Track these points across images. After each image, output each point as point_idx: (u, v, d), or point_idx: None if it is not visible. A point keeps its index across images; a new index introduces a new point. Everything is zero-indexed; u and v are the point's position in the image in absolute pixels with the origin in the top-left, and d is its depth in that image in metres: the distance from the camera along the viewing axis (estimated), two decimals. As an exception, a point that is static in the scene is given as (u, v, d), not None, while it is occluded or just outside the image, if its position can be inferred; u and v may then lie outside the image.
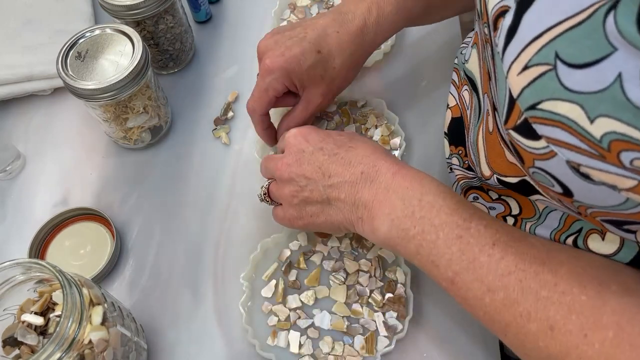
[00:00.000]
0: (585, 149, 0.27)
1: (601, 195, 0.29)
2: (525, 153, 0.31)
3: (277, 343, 0.48)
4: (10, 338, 0.42)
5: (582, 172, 0.28)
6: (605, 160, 0.27)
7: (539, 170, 0.31)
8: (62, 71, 0.52)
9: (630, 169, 0.26)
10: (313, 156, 0.44)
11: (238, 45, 0.68)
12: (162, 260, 0.54)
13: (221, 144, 0.61)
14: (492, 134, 0.39)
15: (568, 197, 0.31)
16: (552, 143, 0.29)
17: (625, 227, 0.32)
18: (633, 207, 0.28)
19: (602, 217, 0.32)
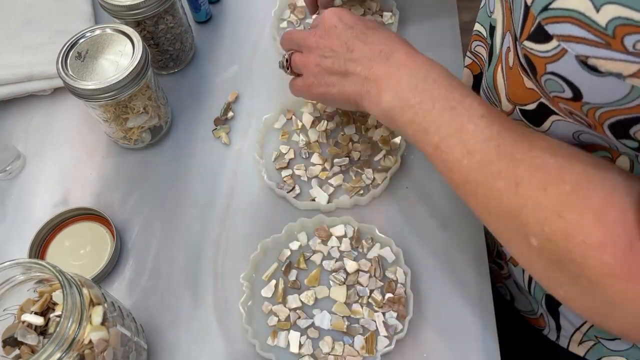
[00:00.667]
0: (592, 39, 0.29)
1: (608, 89, 0.31)
2: (537, 60, 0.33)
3: (277, 343, 0.48)
4: (10, 338, 0.42)
5: (589, 64, 0.30)
6: (610, 48, 0.29)
7: (550, 76, 0.33)
8: (62, 71, 0.52)
9: (633, 52, 0.28)
10: (343, 32, 0.48)
11: (238, 45, 0.68)
12: (162, 260, 0.54)
13: (221, 144, 0.61)
14: (513, 68, 0.41)
15: (577, 101, 0.33)
16: (563, 40, 0.31)
17: (631, 131, 0.33)
18: (637, 98, 0.30)
19: (609, 118, 0.33)
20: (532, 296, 0.56)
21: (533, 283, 0.55)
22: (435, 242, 0.53)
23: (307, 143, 0.58)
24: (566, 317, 0.53)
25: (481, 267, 0.51)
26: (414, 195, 0.55)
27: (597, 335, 0.52)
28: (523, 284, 0.57)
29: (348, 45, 0.47)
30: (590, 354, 0.54)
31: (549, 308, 0.55)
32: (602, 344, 0.52)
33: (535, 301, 0.56)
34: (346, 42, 0.48)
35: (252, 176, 0.58)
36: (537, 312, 0.57)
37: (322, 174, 0.56)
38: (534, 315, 0.58)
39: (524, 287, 0.57)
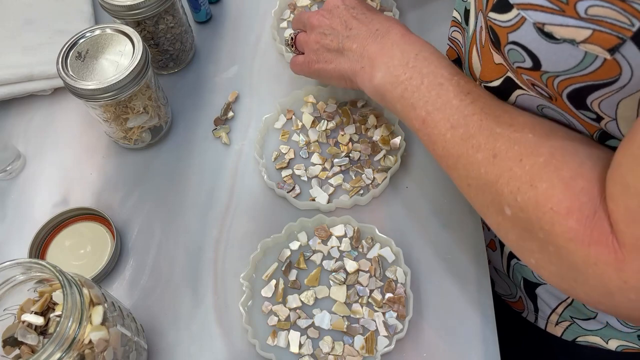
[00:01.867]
0: (548, 6, 0.31)
1: (563, 56, 0.32)
2: (500, 30, 0.36)
3: (277, 343, 0.48)
4: (10, 338, 0.42)
5: (546, 31, 0.32)
6: (564, 14, 0.31)
7: (512, 46, 0.35)
8: (62, 71, 0.52)
9: (585, 18, 0.30)
10: (343, 12, 0.51)
11: (238, 45, 0.68)
12: (162, 260, 0.54)
13: (221, 144, 0.61)
14: (485, 45, 0.42)
15: (537, 70, 0.35)
16: (521, 8, 0.33)
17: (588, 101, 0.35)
18: (590, 64, 0.32)
19: (567, 87, 0.35)
20: (511, 280, 0.59)
21: (512, 268, 0.57)
22: (435, 242, 0.53)
23: (307, 143, 0.58)
24: (543, 299, 0.56)
25: (481, 267, 0.51)
26: (414, 195, 0.56)
27: (572, 315, 0.54)
28: (502, 268, 0.59)
29: (347, 24, 0.50)
30: (566, 334, 0.57)
31: (527, 291, 0.57)
32: (577, 324, 0.54)
33: (514, 285, 0.59)
34: (345, 21, 0.50)
35: (252, 176, 0.58)
36: (516, 295, 0.60)
37: (322, 174, 0.56)
38: (514, 298, 0.61)
39: (503, 271, 0.59)
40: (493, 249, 0.58)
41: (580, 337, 0.56)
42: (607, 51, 0.30)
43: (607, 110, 0.34)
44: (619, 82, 0.32)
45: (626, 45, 0.29)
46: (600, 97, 0.34)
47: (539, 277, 0.54)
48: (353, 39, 0.49)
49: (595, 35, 0.30)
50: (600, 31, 0.30)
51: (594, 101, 0.34)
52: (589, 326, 0.54)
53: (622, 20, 0.29)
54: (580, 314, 0.53)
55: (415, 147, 0.58)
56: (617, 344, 0.54)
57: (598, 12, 0.29)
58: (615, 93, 0.33)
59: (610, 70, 0.31)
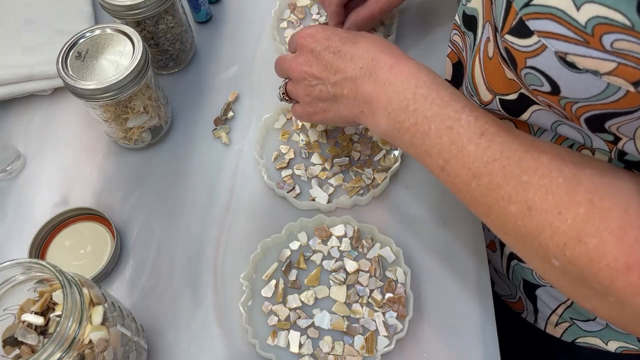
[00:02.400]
0: (572, 36, 0.30)
1: (585, 85, 0.32)
2: (518, 54, 0.34)
3: (277, 343, 0.48)
4: (10, 338, 0.42)
5: (568, 61, 0.31)
6: (588, 46, 0.30)
7: (530, 70, 0.34)
8: (62, 71, 0.52)
9: (610, 51, 0.29)
10: (320, 55, 0.47)
11: (238, 45, 0.68)
12: (162, 260, 0.54)
13: (221, 144, 0.61)
14: (492, 58, 0.41)
15: (555, 95, 0.34)
16: (543, 36, 0.32)
17: (606, 125, 0.34)
18: (613, 95, 0.31)
19: (585, 112, 0.34)
20: (511, 281, 0.59)
21: (511, 268, 0.57)
22: (435, 242, 0.53)
23: (307, 143, 0.58)
24: (542, 301, 0.56)
25: (481, 266, 0.51)
26: (414, 195, 0.56)
27: (571, 317, 0.54)
28: (502, 269, 0.59)
29: (329, 69, 0.46)
30: (566, 335, 0.57)
31: (527, 292, 0.57)
32: (577, 325, 0.54)
33: (514, 286, 0.59)
34: (326, 66, 0.46)
35: (252, 176, 0.58)
36: (516, 296, 0.60)
37: (322, 174, 0.56)
38: (513, 299, 0.61)
39: (503, 272, 0.59)
40: (493, 250, 0.58)
41: (579, 338, 0.56)
42: (632, 84, 0.30)
43: (626, 132, 0.34)
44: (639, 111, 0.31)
45: None
46: (620, 122, 0.33)
47: (538, 279, 0.54)
48: (342, 85, 0.45)
49: (620, 69, 0.29)
50: (626, 65, 0.29)
51: (612, 126, 0.34)
52: (589, 327, 0.54)
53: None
54: (579, 315, 0.53)
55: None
56: (616, 346, 0.54)
57: (624, 46, 0.29)
58: (635, 120, 0.32)
59: (632, 100, 0.31)
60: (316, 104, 0.49)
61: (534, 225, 0.35)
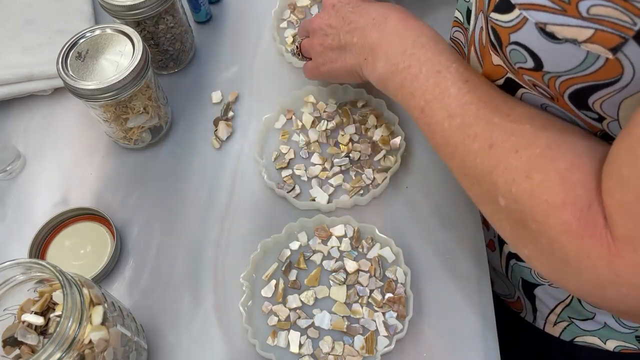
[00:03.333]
0: (550, 5, 0.31)
1: (565, 56, 0.32)
2: (502, 30, 0.35)
3: (277, 343, 0.48)
4: (10, 338, 0.42)
5: (548, 31, 0.32)
6: (566, 14, 0.30)
7: (514, 46, 0.35)
8: (62, 71, 0.52)
9: (587, 18, 0.30)
10: (341, 9, 0.51)
11: (238, 45, 0.68)
12: (162, 260, 0.54)
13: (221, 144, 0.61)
14: (485, 45, 0.42)
15: (538, 71, 0.35)
16: (523, 7, 0.33)
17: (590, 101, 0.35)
18: (592, 64, 0.32)
19: (568, 87, 0.35)
20: (510, 280, 0.59)
21: (510, 268, 0.57)
22: (435, 242, 0.53)
23: (307, 143, 0.58)
24: (541, 300, 0.56)
25: (481, 266, 0.51)
26: (414, 195, 0.56)
27: (570, 316, 0.54)
28: (501, 268, 0.59)
29: (345, 19, 0.50)
30: (564, 334, 0.57)
31: (525, 291, 0.57)
32: (576, 324, 0.55)
33: (512, 285, 0.59)
34: (343, 17, 0.50)
35: (252, 176, 0.58)
36: (515, 295, 0.60)
37: (322, 174, 0.56)
38: (512, 298, 0.61)
39: (502, 271, 0.59)
40: (492, 249, 0.58)
41: (578, 337, 0.56)
42: (609, 50, 0.30)
43: (609, 110, 0.34)
44: (620, 82, 0.32)
45: (628, 44, 0.29)
46: (602, 97, 0.34)
47: (537, 278, 0.54)
48: (353, 33, 0.49)
49: (597, 35, 0.30)
50: (603, 30, 0.30)
51: (595, 102, 0.34)
52: (587, 326, 0.54)
53: (624, 19, 0.29)
54: (578, 314, 0.53)
55: (415, 147, 0.58)
56: (615, 345, 0.54)
57: (600, 11, 0.29)
58: (617, 93, 0.33)
59: (612, 70, 0.31)
60: (326, 54, 0.52)
61: (491, 162, 0.37)
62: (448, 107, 0.40)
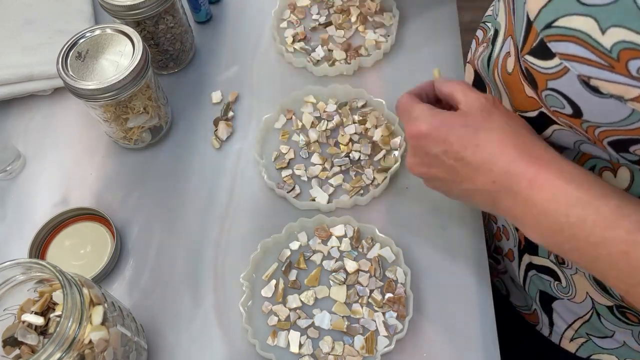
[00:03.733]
0: (596, 60, 0.29)
1: (608, 110, 0.31)
2: (539, 75, 0.33)
3: (277, 343, 0.48)
4: (10, 338, 0.42)
5: (591, 85, 0.30)
6: (613, 71, 0.29)
7: (551, 92, 0.33)
8: (62, 71, 0.52)
9: (636, 77, 0.28)
10: (440, 159, 0.41)
11: (238, 45, 0.68)
12: (162, 260, 0.54)
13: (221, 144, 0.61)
14: (512, 74, 0.39)
15: (577, 118, 0.33)
16: (565, 58, 0.31)
17: (631, 149, 0.33)
18: (637, 121, 0.30)
19: (608, 136, 0.33)
20: (527, 292, 0.57)
21: (528, 279, 0.55)
22: (435, 242, 0.53)
23: (307, 143, 0.58)
24: (559, 314, 0.54)
25: (481, 266, 0.51)
26: (414, 195, 0.55)
27: (588, 332, 0.52)
28: (519, 279, 0.57)
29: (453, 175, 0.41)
30: (581, 351, 0.55)
31: (543, 304, 0.55)
32: (593, 341, 0.53)
33: (530, 297, 0.57)
34: (448, 171, 0.41)
35: (252, 176, 0.58)
36: (532, 307, 0.58)
37: (322, 174, 0.56)
38: (528, 310, 0.59)
39: (519, 282, 0.57)
40: (511, 259, 0.57)
41: (595, 354, 0.54)
42: None
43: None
44: None
45: None
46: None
47: (556, 291, 0.52)
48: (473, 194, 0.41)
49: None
50: None
51: (637, 150, 0.33)
52: (605, 344, 0.52)
53: None
54: (596, 331, 0.52)
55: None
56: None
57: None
58: None
59: None
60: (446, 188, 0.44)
61: None
62: None
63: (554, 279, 0.51)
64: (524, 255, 0.54)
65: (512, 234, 0.55)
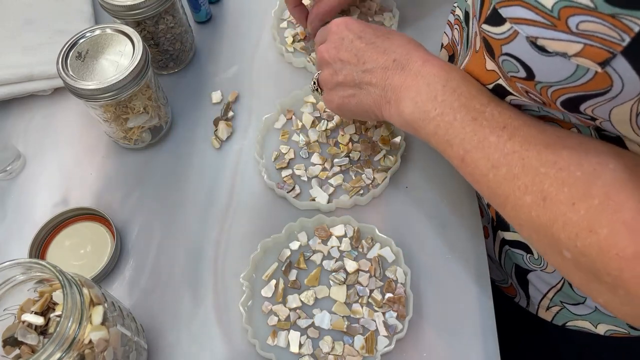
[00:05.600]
0: (540, 20, 0.31)
1: (556, 68, 0.33)
2: (494, 42, 0.36)
3: (277, 343, 0.48)
4: (10, 338, 0.42)
5: (539, 45, 0.32)
6: (556, 29, 0.31)
7: (506, 57, 0.36)
8: (62, 71, 0.52)
9: (576, 33, 0.30)
10: (352, 43, 0.48)
11: (238, 45, 0.68)
12: (162, 260, 0.54)
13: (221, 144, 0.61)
14: (479, 51, 0.42)
15: (531, 80, 0.35)
16: (514, 22, 0.33)
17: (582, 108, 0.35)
18: (582, 76, 0.32)
19: (560, 96, 0.35)
20: (503, 267, 0.60)
21: (503, 254, 0.58)
22: (435, 242, 0.53)
23: (307, 143, 0.58)
24: (534, 285, 0.57)
25: (481, 266, 0.51)
26: (414, 195, 0.56)
27: (562, 300, 0.55)
28: (495, 255, 0.60)
29: (359, 57, 0.47)
30: (556, 319, 0.58)
31: (518, 277, 0.58)
32: (567, 309, 0.55)
33: (505, 272, 0.60)
34: (356, 54, 0.47)
35: (252, 176, 0.58)
36: (508, 281, 0.61)
37: (322, 174, 0.56)
38: (506, 284, 0.62)
39: (496, 258, 0.60)
40: (486, 236, 0.59)
41: (570, 321, 0.56)
42: (598, 64, 0.31)
43: (601, 114, 0.35)
44: (610, 92, 0.32)
45: (616, 59, 0.30)
46: (593, 105, 0.34)
47: (529, 264, 0.55)
48: (371, 73, 0.46)
49: (587, 50, 0.30)
50: (591, 45, 0.30)
51: (587, 108, 0.35)
52: (579, 311, 0.55)
53: (612, 35, 0.29)
54: (569, 298, 0.54)
55: (416, 147, 0.58)
56: (605, 329, 0.54)
57: (589, 27, 0.30)
58: (607, 102, 0.33)
59: (601, 82, 0.32)
60: (340, 90, 0.49)
61: (548, 216, 0.36)
62: (490, 158, 0.39)
63: (527, 252, 0.54)
64: (497, 231, 0.57)
65: (485, 211, 0.57)
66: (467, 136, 0.40)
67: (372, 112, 0.47)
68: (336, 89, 0.49)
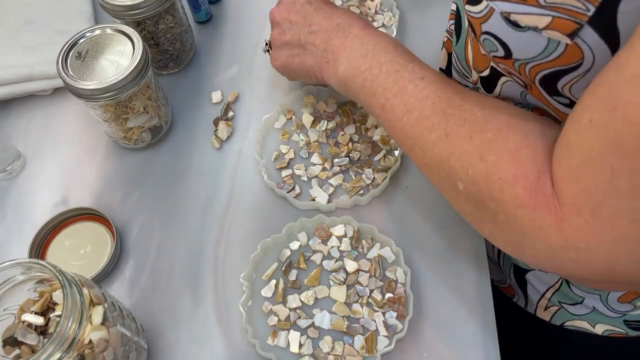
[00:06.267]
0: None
1: (530, 43, 0.34)
2: (475, 21, 0.38)
3: (277, 343, 0.48)
4: (10, 338, 0.42)
5: (512, 20, 0.34)
6: (526, 3, 0.33)
7: (486, 36, 0.37)
8: (62, 71, 0.52)
9: (544, 6, 0.32)
10: (302, 7, 0.52)
11: (238, 45, 0.68)
12: (162, 260, 0.54)
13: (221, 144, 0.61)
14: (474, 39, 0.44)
15: (509, 59, 0.37)
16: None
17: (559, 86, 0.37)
18: (554, 50, 0.34)
19: (537, 73, 0.37)
20: (501, 268, 0.60)
21: (502, 255, 0.59)
22: (435, 242, 0.53)
23: (307, 143, 0.58)
24: (532, 285, 0.57)
25: (481, 266, 0.51)
26: (414, 195, 0.56)
27: (560, 300, 0.55)
28: (493, 255, 0.60)
29: (306, 19, 0.51)
30: (555, 318, 0.58)
31: (517, 277, 0.59)
32: (565, 308, 0.56)
33: (504, 272, 0.60)
34: (304, 17, 0.51)
35: (252, 176, 0.58)
36: (507, 281, 0.61)
37: (322, 174, 0.56)
38: (505, 284, 0.62)
39: (494, 258, 0.61)
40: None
41: (568, 321, 0.57)
42: (567, 36, 0.32)
43: (578, 94, 0.36)
44: (582, 66, 0.33)
45: (584, 29, 0.31)
46: (569, 82, 0.36)
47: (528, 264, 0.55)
48: (315, 34, 0.50)
49: (555, 22, 0.32)
50: (559, 17, 0.32)
51: (564, 86, 0.36)
52: (576, 311, 0.55)
53: (578, 6, 0.31)
54: (567, 298, 0.54)
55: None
56: (603, 329, 0.55)
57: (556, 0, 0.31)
58: (581, 77, 0.34)
59: (573, 55, 0.33)
60: (285, 49, 0.53)
61: (448, 149, 0.39)
62: (406, 103, 0.42)
63: None
64: None
65: None
66: (389, 85, 0.44)
67: (313, 72, 0.51)
68: (282, 48, 0.53)
